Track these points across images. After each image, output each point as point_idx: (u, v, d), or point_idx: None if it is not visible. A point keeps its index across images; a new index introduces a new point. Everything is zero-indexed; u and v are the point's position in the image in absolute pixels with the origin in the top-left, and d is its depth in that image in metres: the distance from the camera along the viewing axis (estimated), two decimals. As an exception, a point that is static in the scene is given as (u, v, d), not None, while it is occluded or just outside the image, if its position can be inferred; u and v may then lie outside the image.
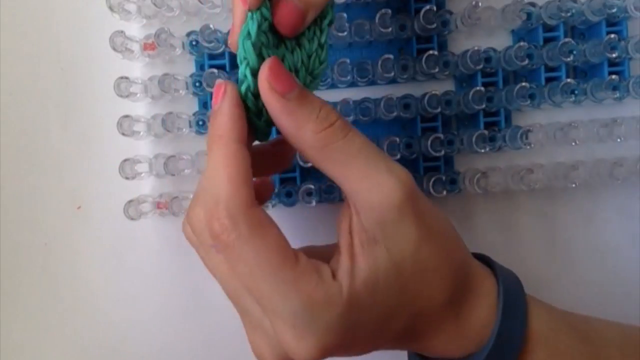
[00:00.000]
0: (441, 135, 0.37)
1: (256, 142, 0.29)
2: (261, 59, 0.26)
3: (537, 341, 0.28)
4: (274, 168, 0.33)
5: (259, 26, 0.26)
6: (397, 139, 0.36)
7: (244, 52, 0.26)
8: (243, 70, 0.26)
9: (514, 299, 0.29)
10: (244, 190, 0.25)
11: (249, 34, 0.26)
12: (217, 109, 0.26)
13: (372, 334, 0.26)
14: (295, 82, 0.26)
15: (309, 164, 0.36)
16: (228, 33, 0.36)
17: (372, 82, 0.38)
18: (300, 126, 0.25)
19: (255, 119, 0.27)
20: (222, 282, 0.27)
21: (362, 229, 0.26)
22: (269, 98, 0.25)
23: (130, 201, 0.37)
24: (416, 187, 0.26)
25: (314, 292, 0.25)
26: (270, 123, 0.27)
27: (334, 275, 0.25)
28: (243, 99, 0.26)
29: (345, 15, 0.35)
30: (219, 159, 0.25)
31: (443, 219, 0.28)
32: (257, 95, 0.26)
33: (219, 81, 0.27)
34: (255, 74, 0.26)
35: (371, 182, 0.25)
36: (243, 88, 0.26)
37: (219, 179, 0.25)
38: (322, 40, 0.28)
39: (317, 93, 0.27)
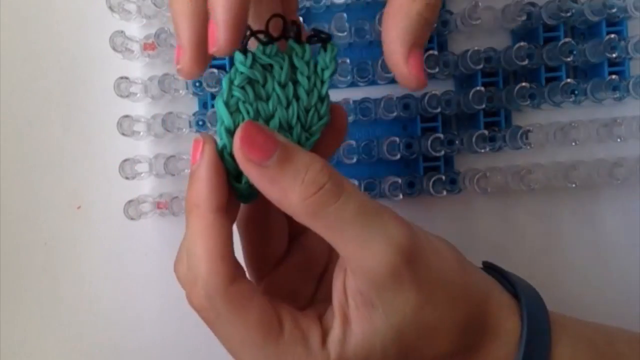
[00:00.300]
0: (441, 135, 0.37)
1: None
2: (239, 116, 0.24)
3: None
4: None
5: (231, 81, 0.24)
6: (397, 139, 0.36)
7: (217, 109, 0.24)
8: (218, 128, 0.24)
9: (538, 339, 0.27)
10: (222, 267, 0.23)
11: (222, 90, 0.24)
12: (193, 173, 0.24)
13: None
14: (273, 146, 0.23)
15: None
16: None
17: (372, 82, 0.38)
18: (284, 194, 0.23)
19: (234, 182, 0.25)
20: None
21: (358, 292, 0.24)
22: (245, 167, 0.23)
23: (130, 201, 0.37)
24: (417, 245, 0.24)
25: (299, 353, 0.24)
26: (252, 186, 0.24)
27: (323, 341, 0.24)
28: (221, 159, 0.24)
29: (345, 15, 0.35)
30: (195, 232, 0.24)
31: (450, 267, 0.26)
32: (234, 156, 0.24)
33: (196, 138, 0.24)
34: (231, 133, 0.24)
35: (365, 250, 0.23)
36: (219, 146, 0.24)
37: (197, 255, 0.23)
38: (323, 92, 0.26)
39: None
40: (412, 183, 0.37)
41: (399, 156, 0.37)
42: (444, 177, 0.37)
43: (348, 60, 0.36)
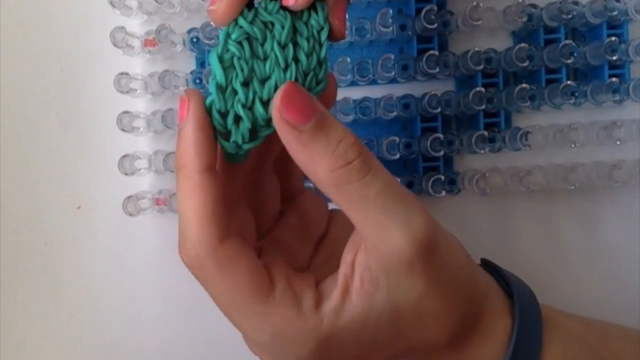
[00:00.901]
0: (441, 136, 0.37)
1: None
2: (233, 72, 0.23)
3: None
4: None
5: (228, 35, 0.23)
6: (397, 139, 0.36)
7: (210, 63, 0.23)
8: (210, 82, 0.23)
9: (527, 338, 0.27)
10: (208, 228, 0.23)
11: (218, 43, 0.23)
12: (180, 132, 0.23)
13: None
14: (312, 112, 0.23)
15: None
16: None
17: (372, 82, 0.38)
18: (312, 162, 0.23)
19: (222, 141, 0.24)
20: None
21: (367, 268, 0.24)
22: (279, 126, 0.23)
23: (129, 197, 0.37)
24: (434, 238, 0.24)
25: (285, 327, 0.24)
26: (240, 147, 0.24)
27: (317, 304, 0.24)
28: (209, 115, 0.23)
29: (346, 14, 0.35)
30: (183, 193, 0.23)
31: (459, 265, 0.26)
32: (224, 113, 0.23)
33: (182, 95, 0.24)
34: (222, 89, 0.23)
35: (384, 233, 0.23)
36: (207, 102, 0.23)
37: (185, 216, 0.23)
38: (322, 56, 0.25)
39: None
40: (411, 183, 0.37)
41: (398, 156, 0.37)
42: (443, 178, 0.37)
43: (348, 60, 0.36)
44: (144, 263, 0.40)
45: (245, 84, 0.24)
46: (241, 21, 0.23)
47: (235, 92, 0.24)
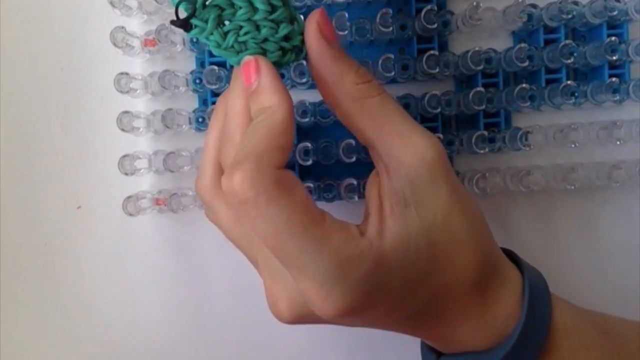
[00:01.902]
0: (441, 136, 0.37)
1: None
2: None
3: (561, 335, 0.28)
4: None
5: None
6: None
7: None
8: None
9: (539, 292, 0.28)
10: (277, 149, 0.24)
11: None
12: (259, 86, 0.26)
13: (398, 300, 0.26)
14: (337, 35, 0.26)
15: (309, 162, 0.36)
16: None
17: (372, 82, 0.38)
18: (340, 76, 0.26)
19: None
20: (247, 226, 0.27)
21: (393, 191, 0.25)
22: (316, 41, 0.26)
23: (129, 197, 0.37)
24: (447, 156, 0.26)
25: (343, 248, 0.24)
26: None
27: (362, 232, 0.25)
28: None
29: (346, 14, 0.35)
30: (265, 127, 0.25)
31: (473, 200, 0.28)
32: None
33: (248, 58, 0.26)
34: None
35: (405, 139, 0.25)
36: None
37: (260, 139, 0.24)
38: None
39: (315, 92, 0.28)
40: (411, 183, 0.37)
41: (398, 156, 0.36)
42: (443, 178, 0.37)
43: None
44: (144, 263, 0.40)
45: None
46: None
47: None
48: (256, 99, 0.26)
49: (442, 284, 0.26)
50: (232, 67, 0.29)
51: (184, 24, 0.26)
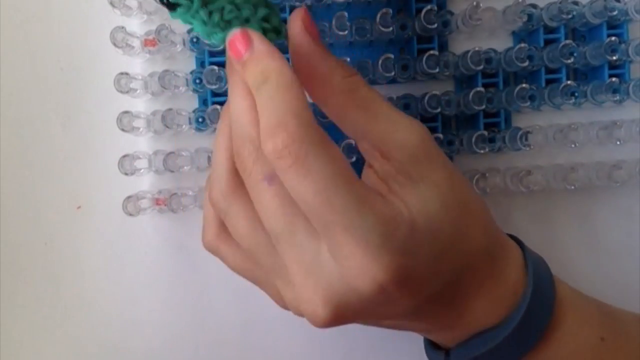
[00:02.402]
0: (441, 136, 0.37)
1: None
2: None
3: (566, 306, 0.29)
4: None
5: None
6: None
7: None
8: None
9: (540, 265, 0.29)
10: (309, 111, 0.24)
11: None
12: (253, 55, 0.25)
13: (423, 277, 0.25)
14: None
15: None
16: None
17: (372, 82, 0.38)
18: (330, 70, 0.26)
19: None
20: (269, 221, 0.25)
21: (397, 172, 0.26)
22: (302, 38, 0.26)
23: (129, 197, 0.37)
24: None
25: (384, 209, 0.24)
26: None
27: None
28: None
29: (346, 14, 0.35)
30: (282, 88, 0.24)
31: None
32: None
33: (235, 31, 0.25)
34: None
35: (397, 124, 0.26)
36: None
37: (284, 99, 0.24)
38: None
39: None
40: (411, 183, 0.37)
41: (398, 156, 0.36)
42: (443, 178, 0.37)
43: (348, 60, 0.36)
44: (144, 263, 0.40)
45: None
46: None
47: None
48: (254, 67, 0.25)
49: (462, 254, 0.26)
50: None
51: (170, 4, 0.26)
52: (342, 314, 0.25)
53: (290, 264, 0.25)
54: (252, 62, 0.25)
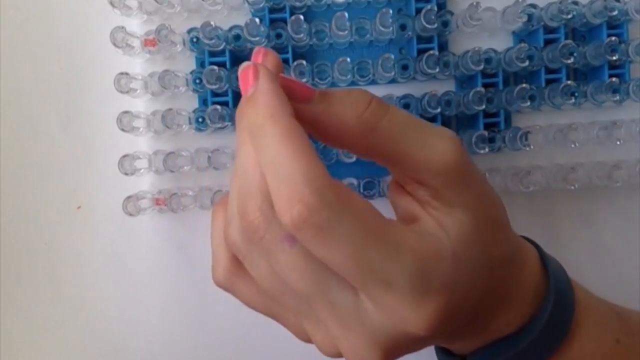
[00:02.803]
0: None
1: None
2: None
3: (583, 308, 0.28)
4: None
5: None
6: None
7: None
8: None
9: (557, 266, 0.29)
10: (319, 164, 0.21)
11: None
12: (256, 91, 0.23)
13: (466, 300, 0.24)
14: (308, 87, 0.24)
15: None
16: (229, 30, 0.36)
17: (372, 82, 0.38)
18: (340, 119, 0.24)
19: None
20: (297, 284, 0.23)
21: (432, 198, 0.25)
22: (296, 109, 0.23)
23: (129, 197, 0.37)
24: (465, 148, 0.26)
25: (421, 248, 0.23)
26: None
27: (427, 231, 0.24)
28: None
29: (346, 14, 0.35)
30: (279, 138, 0.21)
31: (489, 184, 0.28)
32: None
33: (245, 65, 0.23)
34: None
35: (429, 149, 0.24)
36: None
37: (289, 158, 0.21)
38: None
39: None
40: (411, 183, 0.37)
41: (398, 156, 0.36)
42: (442, 178, 0.37)
43: (348, 60, 0.36)
44: (144, 263, 0.40)
45: None
46: None
47: None
48: (253, 105, 0.23)
49: (491, 271, 0.25)
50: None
51: None
52: (392, 355, 0.24)
53: (326, 318, 0.24)
54: (253, 102, 0.23)
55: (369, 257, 0.21)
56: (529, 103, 0.36)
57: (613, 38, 0.36)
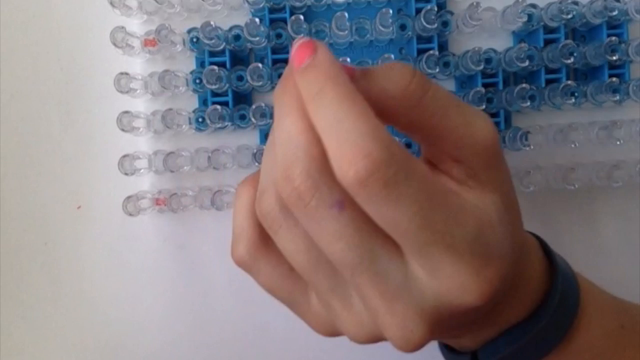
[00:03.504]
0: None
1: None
2: None
3: (587, 295, 0.28)
4: None
5: None
6: (397, 139, 0.36)
7: None
8: None
9: (560, 256, 0.29)
10: (381, 124, 0.21)
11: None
12: (315, 59, 0.22)
13: (512, 270, 0.24)
14: (350, 67, 0.23)
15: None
16: (229, 30, 0.36)
17: (372, 82, 0.38)
18: (385, 92, 0.23)
19: None
20: (343, 253, 0.22)
21: (468, 177, 0.24)
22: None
23: (129, 197, 0.37)
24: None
25: (479, 214, 0.23)
26: None
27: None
28: None
29: (346, 14, 0.35)
30: (342, 99, 0.21)
31: None
32: None
33: (303, 38, 0.23)
34: None
35: (472, 127, 0.23)
36: None
37: (354, 117, 0.20)
38: None
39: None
40: (411, 183, 0.37)
41: (398, 156, 0.36)
42: (442, 178, 0.37)
43: (348, 60, 0.36)
44: (144, 263, 0.40)
45: None
46: None
47: None
48: (311, 73, 0.22)
49: (516, 255, 0.25)
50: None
51: None
52: (437, 330, 0.23)
53: (370, 292, 0.23)
54: (312, 68, 0.22)
55: (433, 218, 0.21)
56: (529, 103, 0.36)
57: (613, 38, 0.36)
